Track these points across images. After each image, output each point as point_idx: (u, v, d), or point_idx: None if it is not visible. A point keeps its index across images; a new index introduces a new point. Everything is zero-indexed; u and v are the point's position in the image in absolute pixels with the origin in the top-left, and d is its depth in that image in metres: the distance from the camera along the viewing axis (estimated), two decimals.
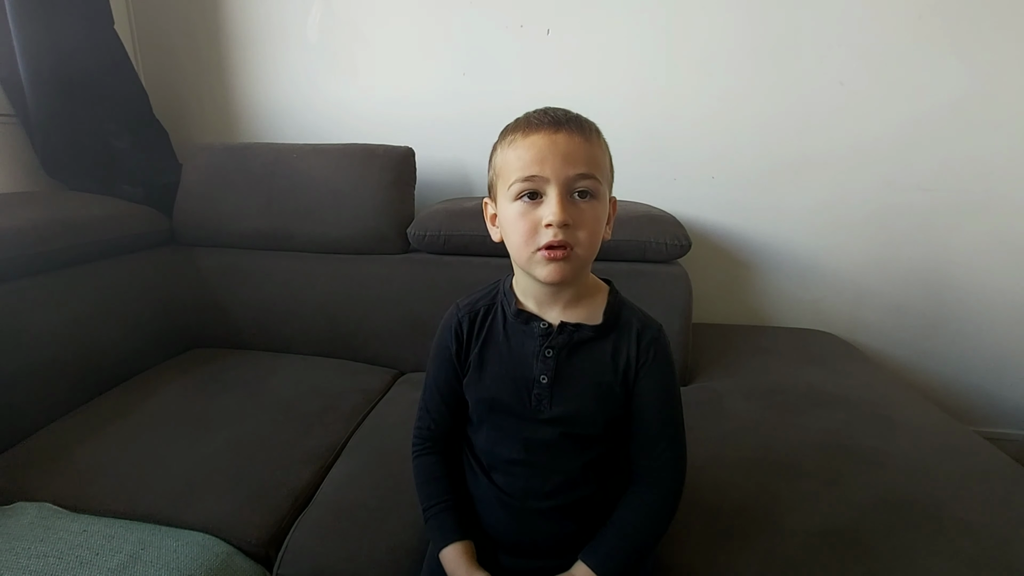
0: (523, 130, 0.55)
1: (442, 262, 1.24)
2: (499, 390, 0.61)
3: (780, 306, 1.51)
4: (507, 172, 0.56)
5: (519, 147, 0.54)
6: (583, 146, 0.54)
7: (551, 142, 0.53)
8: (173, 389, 1.07)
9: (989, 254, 1.38)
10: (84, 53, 1.25)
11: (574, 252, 0.54)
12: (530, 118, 0.56)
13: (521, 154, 0.54)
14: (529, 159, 0.53)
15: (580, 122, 0.55)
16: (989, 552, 0.68)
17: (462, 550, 0.60)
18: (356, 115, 1.49)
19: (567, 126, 0.54)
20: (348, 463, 0.89)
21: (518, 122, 0.57)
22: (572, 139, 0.53)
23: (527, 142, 0.54)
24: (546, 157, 0.53)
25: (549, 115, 0.55)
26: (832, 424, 0.97)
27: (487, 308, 0.65)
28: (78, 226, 1.10)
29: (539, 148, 0.53)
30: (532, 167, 0.53)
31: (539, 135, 0.54)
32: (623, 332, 0.61)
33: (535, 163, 0.53)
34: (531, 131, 0.54)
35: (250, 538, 0.74)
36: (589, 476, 0.61)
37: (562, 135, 0.53)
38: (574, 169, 0.53)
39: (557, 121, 0.54)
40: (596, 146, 0.56)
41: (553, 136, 0.53)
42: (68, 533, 0.71)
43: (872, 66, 1.28)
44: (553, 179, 0.53)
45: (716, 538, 0.72)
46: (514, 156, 0.55)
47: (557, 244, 0.53)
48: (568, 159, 0.53)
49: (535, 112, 0.56)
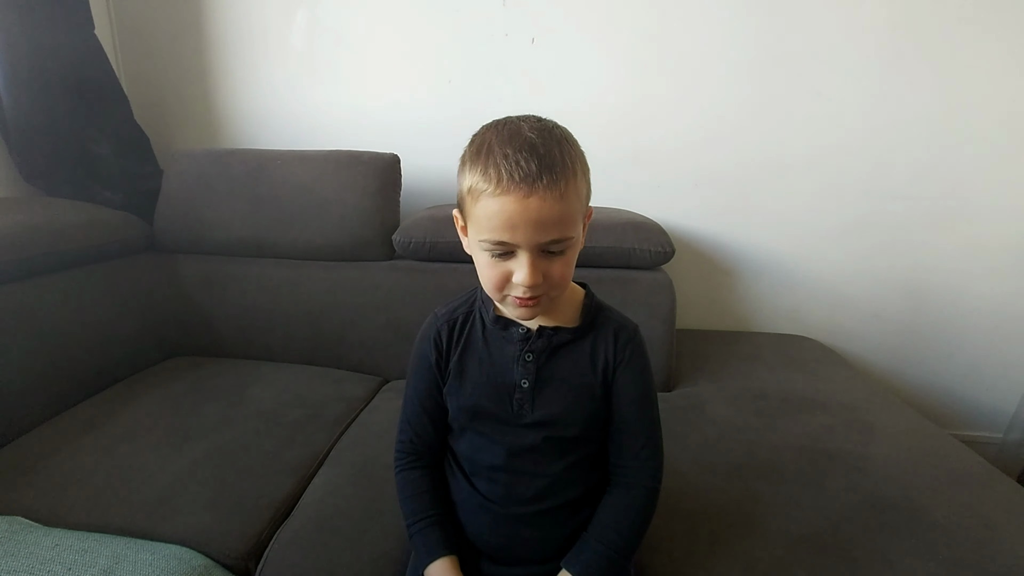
0: (495, 184, 0.49)
1: (428, 269, 1.24)
2: (480, 397, 0.61)
3: (762, 312, 1.53)
4: (476, 222, 0.52)
5: (489, 205, 0.50)
6: (556, 208, 0.49)
7: (523, 208, 0.48)
8: (152, 399, 1.05)
9: (963, 261, 1.41)
10: (63, 58, 1.23)
11: (545, 296, 0.55)
12: (500, 168, 0.49)
13: (491, 215, 0.50)
14: (499, 224, 0.50)
15: (554, 172, 0.49)
16: (966, 554, 0.70)
17: (448, 565, 0.60)
18: (341, 122, 1.49)
19: (541, 183, 0.48)
20: (330, 473, 0.88)
21: (488, 161, 0.50)
22: (545, 203, 0.49)
23: (498, 203, 0.49)
24: (517, 225, 0.49)
25: (522, 167, 0.48)
26: (813, 429, 0.98)
27: (465, 316, 0.65)
28: (56, 232, 1.08)
29: (509, 214, 0.49)
30: (503, 233, 0.50)
31: (511, 198, 0.48)
32: (600, 332, 0.62)
33: (506, 230, 0.50)
34: (502, 190, 0.49)
35: (229, 550, 0.73)
36: (571, 479, 0.61)
37: (535, 199, 0.48)
38: (546, 236, 0.50)
39: (530, 179, 0.48)
40: (571, 196, 0.51)
41: (525, 202, 0.48)
42: (39, 548, 0.68)
43: (849, 78, 1.32)
44: (524, 246, 0.51)
45: (698, 543, 0.72)
46: (483, 214, 0.51)
47: (528, 297, 0.53)
48: (541, 227, 0.50)
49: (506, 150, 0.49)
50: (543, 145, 0.50)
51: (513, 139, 0.50)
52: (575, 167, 0.51)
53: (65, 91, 1.24)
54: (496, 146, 0.50)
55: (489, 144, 0.51)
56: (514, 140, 0.50)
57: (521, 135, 0.50)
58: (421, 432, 0.67)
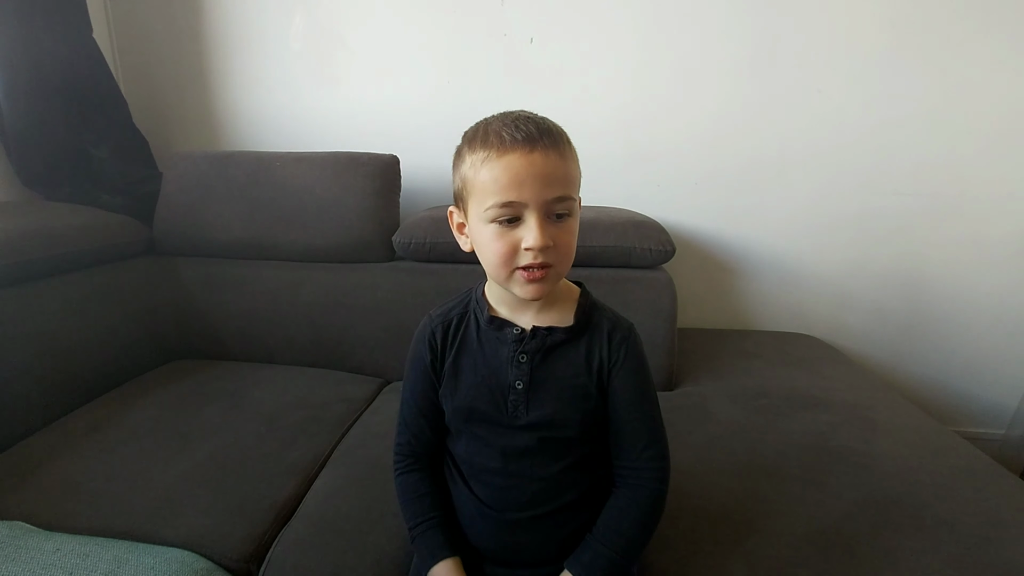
0: (497, 148, 0.51)
1: (428, 270, 1.24)
2: (475, 399, 0.61)
3: (763, 310, 1.53)
4: (481, 193, 0.53)
5: (494, 168, 0.51)
6: (559, 164, 0.52)
7: (528, 163, 0.50)
8: (153, 402, 1.05)
9: (964, 255, 1.41)
10: (61, 62, 1.23)
11: (553, 270, 0.54)
12: (502, 133, 0.51)
13: (497, 176, 0.51)
14: (506, 182, 0.50)
15: (553, 135, 0.52)
16: (970, 550, 0.70)
17: (452, 567, 0.60)
18: (340, 123, 1.49)
19: (542, 142, 0.51)
20: (332, 474, 0.87)
21: (487, 135, 0.52)
22: (548, 158, 0.51)
23: (503, 163, 0.51)
24: (524, 180, 0.50)
25: (522, 130, 0.51)
26: (816, 426, 0.98)
27: (460, 317, 0.64)
28: (55, 236, 1.08)
29: (516, 170, 0.50)
30: (510, 192, 0.51)
31: (515, 155, 0.50)
32: (595, 333, 0.61)
33: (512, 188, 0.50)
34: (506, 150, 0.51)
35: (231, 553, 0.73)
36: (567, 482, 0.61)
37: (538, 154, 0.50)
38: (552, 192, 0.51)
39: (532, 138, 0.51)
40: (570, 160, 0.54)
41: (529, 156, 0.50)
42: (41, 552, 0.68)
43: (848, 74, 1.31)
44: (532, 204, 0.51)
45: (702, 541, 0.72)
46: (489, 177, 0.51)
47: (537, 265, 0.53)
48: (546, 181, 0.51)
49: (504, 123, 0.52)
50: (537, 118, 0.54)
51: (507, 116, 0.54)
52: (570, 142, 0.55)
53: (63, 95, 1.24)
54: (493, 123, 0.54)
55: (485, 125, 0.54)
56: (509, 116, 0.54)
57: (514, 113, 0.54)
58: (418, 434, 0.66)
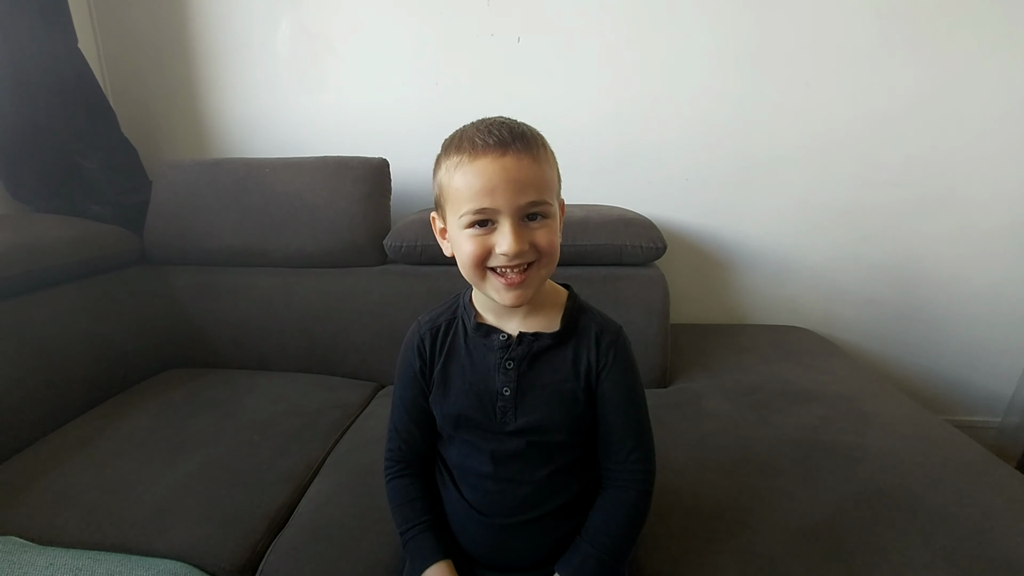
0: (469, 153, 0.51)
1: (420, 273, 1.24)
2: (464, 406, 0.61)
3: (756, 304, 1.53)
4: (455, 199, 0.53)
5: (467, 173, 0.51)
6: (532, 168, 0.51)
7: (500, 167, 0.50)
8: (146, 412, 1.04)
9: (955, 246, 1.41)
10: (47, 73, 1.22)
11: (531, 274, 0.54)
12: (475, 139, 0.51)
13: (470, 181, 0.51)
14: (479, 188, 0.50)
15: (526, 139, 0.52)
16: (964, 543, 0.69)
17: (444, 569, 0.60)
18: (329, 128, 1.48)
19: (515, 146, 0.51)
20: (325, 482, 0.87)
21: (462, 140, 0.53)
22: (521, 162, 0.51)
23: (475, 168, 0.51)
24: (496, 186, 0.50)
25: (494, 134, 0.51)
26: (809, 421, 0.98)
27: (448, 323, 0.64)
28: (45, 249, 1.07)
29: (488, 176, 0.50)
30: (482, 198, 0.51)
31: (487, 160, 0.50)
32: (582, 337, 0.61)
33: (485, 194, 0.50)
34: (478, 155, 0.51)
35: (224, 563, 0.73)
36: (557, 486, 0.61)
37: (510, 158, 0.50)
38: (525, 197, 0.51)
39: (503, 142, 0.51)
40: (544, 163, 0.53)
41: (501, 160, 0.50)
42: (34, 568, 0.68)
43: (837, 68, 1.31)
44: (505, 209, 0.51)
45: (695, 539, 0.72)
46: (463, 183, 0.51)
47: (513, 268, 0.53)
48: (519, 187, 0.51)
49: (478, 129, 0.53)
50: (512, 123, 0.54)
51: (483, 122, 0.54)
52: (546, 145, 0.55)
53: (50, 106, 1.24)
54: (467, 130, 0.54)
55: (461, 133, 0.55)
56: (484, 122, 0.54)
57: (489, 119, 0.54)
58: (409, 439, 0.66)
